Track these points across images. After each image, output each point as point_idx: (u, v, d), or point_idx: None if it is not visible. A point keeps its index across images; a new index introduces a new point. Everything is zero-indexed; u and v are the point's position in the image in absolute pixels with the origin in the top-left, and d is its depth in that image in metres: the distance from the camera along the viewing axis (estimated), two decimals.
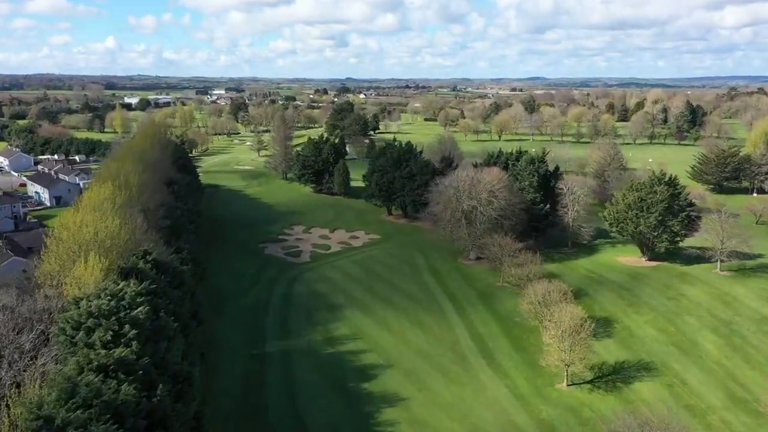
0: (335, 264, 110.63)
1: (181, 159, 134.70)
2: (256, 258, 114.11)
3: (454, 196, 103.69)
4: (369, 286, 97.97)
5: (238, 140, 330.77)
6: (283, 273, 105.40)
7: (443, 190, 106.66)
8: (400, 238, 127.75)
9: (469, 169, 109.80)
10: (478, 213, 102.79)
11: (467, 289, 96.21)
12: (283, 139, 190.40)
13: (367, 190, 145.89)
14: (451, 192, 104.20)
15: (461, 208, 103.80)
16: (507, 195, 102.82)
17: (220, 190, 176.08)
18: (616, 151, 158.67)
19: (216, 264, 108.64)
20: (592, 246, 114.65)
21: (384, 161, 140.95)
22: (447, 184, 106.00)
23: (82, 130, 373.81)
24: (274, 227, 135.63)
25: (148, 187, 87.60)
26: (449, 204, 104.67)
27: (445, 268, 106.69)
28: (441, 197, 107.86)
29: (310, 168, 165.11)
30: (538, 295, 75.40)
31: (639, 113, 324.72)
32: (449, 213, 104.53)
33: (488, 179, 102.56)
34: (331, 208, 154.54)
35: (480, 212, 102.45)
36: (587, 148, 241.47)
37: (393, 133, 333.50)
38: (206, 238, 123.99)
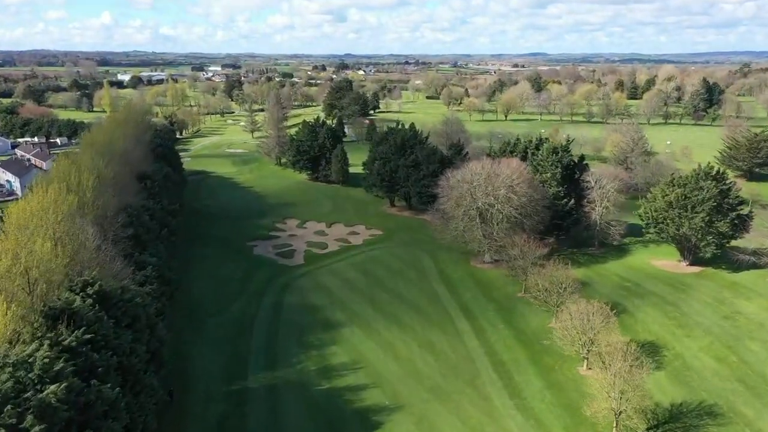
0: (332, 267, 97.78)
1: (160, 146, 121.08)
2: (243, 260, 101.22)
3: (468, 192, 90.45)
4: (371, 297, 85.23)
5: (231, 120, 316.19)
6: (273, 279, 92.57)
7: (455, 185, 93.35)
8: (404, 235, 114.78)
9: (484, 160, 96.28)
10: (495, 211, 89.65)
11: (484, 300, 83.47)
12: (276, 121, 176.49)
13: (367, 179, 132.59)
14: (464, 188, 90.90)
15: (476, 206, 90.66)
16: (528, 190, 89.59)
17: (209, 177, 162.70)
18: (639, 135, 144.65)
19: (197, 269, 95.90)
20: (622, 246, 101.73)
21: (386, 148, 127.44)
22: (459, 178, 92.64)
23: (70, 109, 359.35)
24: (265, 221, 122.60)
25: (111, 186, 74.33)
26: (462, 201, 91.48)
27: (456, 274, 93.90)
28: (452, 192, 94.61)
29: (305, 154, 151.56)
30: (575, 319, 62.55)
31: (652, 91, 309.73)
32: (462, 211, 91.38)
33: (506, 172, 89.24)
34: (328, 198, 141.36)
35: (497, 210, 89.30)
36: (601, 129, 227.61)
37: (394, 112, 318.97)
38: (188, 237, 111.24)
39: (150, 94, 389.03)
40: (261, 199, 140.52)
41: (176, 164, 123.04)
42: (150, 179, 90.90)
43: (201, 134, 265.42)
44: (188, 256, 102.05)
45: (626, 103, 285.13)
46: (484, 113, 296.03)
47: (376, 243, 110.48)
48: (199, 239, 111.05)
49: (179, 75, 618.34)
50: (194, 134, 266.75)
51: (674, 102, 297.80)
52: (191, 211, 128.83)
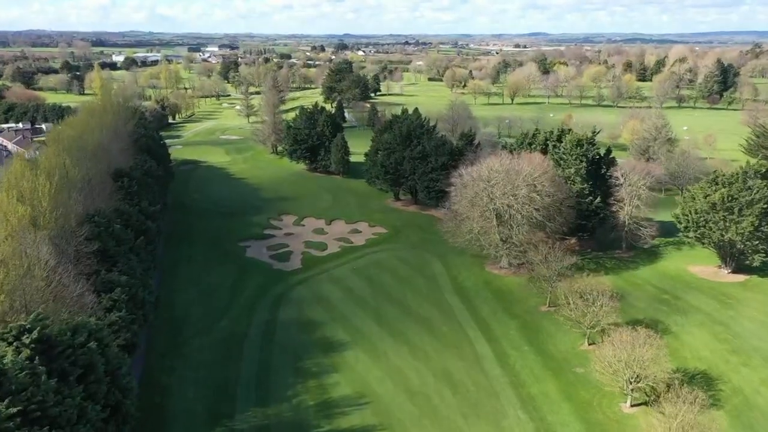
0: (333, 273, 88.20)
1: (144, 137, 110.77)
2: (234, 264, 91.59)
3: (485, 191, 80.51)
4: (376, 311, 75.71)
5: (227, 103, 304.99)
6: (267, 288, 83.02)
7: (469, 183, 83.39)
8: (411, 234, 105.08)
9: (502, 154, 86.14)
10: (515, 213, 79.83)
11: (504, 316, 73.93)
12: (273, 106, 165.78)
13: (370, 171, 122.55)
14: (480, 186, 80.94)
15: (493, 207, 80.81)
16: (552, 189, 79.72)
17: (200, 167, 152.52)
18: (663, 122, 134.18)
19: (182, 275, 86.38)
20: (652, 249, 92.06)
21: (390, 138, 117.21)
22: (475, 176, 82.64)
23: (61, 92, 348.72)
24: (259, 218, 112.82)
25: (80, 188, 64.45)
26: (478, 201, 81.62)
27: (471, 281, 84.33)
28: (466, 191, 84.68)
29: (303, 143, 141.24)
30: (618, 349, 53.04)
31: (663, 73, 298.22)
32: (478, 212, 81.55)
33: (528, 169, 79.29)
34: (328, 191, 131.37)
35: (517, 212, 79.47)
36: (616, 114, 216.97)
37: (395, 95, 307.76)
38: (174, 236, 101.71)
39: (143, 76, 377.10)
40: (255, 192, 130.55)
41: (162, 156, 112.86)
42: (128, 177, 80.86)
43: (195, 119, 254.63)
44: (174, 258, 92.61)
45: (637, 86, 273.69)
46: (490, 96, 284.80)
47: (381, 244, 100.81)
48: (187, 239, 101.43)
49: (175, 56, 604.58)
50: (187, 118, 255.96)
51: (687, 84, 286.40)
52: (179, 206, 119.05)
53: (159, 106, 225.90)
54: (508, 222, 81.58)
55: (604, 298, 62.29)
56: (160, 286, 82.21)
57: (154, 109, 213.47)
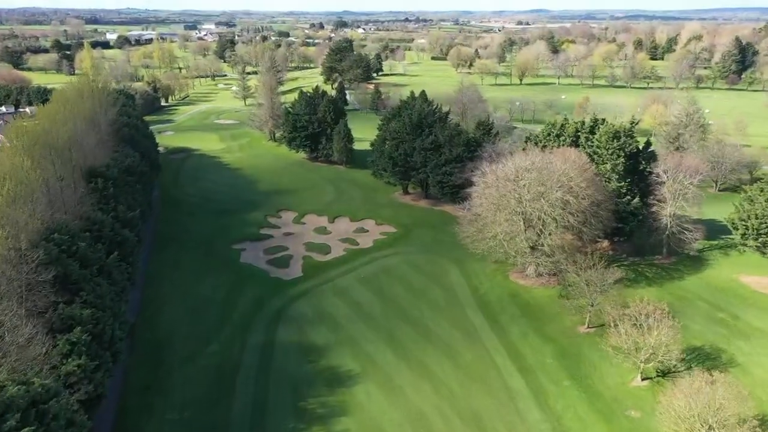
0: (338, 283, 78.30)
1: (127, 126, 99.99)
2: (227, 271, 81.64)
3: (513, 193, 70.21)
4: (389, 332, 65.95)
5: (223, 84, 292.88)
6: (263, 302, 73.15)
7: (494, 183, 73.04)
8: (422, 234, 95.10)
9: (533, 150, 75.53)
10: (547, 218, 69.68)
11: (536, 339, 64.16)
12: (270, 89, 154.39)
13: (376, 162, 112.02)
14: (507, 187, 70.60)
15: (522, 211, 70.62)
16: (590, 192, 69.46)
17: (192, 156, 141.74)
18: (695, 108, 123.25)
19: (168, 285, 76.51)
20: (695, 254, 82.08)
21: (399, 126, 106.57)
22: (500, 175, 72.24)
23: (51, 72, 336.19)
24: (256, 214, 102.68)
25: (35, 200, 54.19)
26: (504, 204, 71.37)
27: (494, 294, 74.49)
28: (489, 192, 74.38)
29: (303, 130, 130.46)
30: (691, 398, 43.31)
31: (678, 52, 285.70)
32: (504, 217, 71.37)
33: (562, 168, 68.94)
34: (330, 183, 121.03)
35: (549, 216, 69.31)
36: (634, 96, 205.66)
37: (398, 75, 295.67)
38: (162, 237, 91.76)
39: (136, 55, 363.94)
40: (252, 185, 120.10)
41: (148, 148, 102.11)
42: (102, 177, 70.45)
43: (189, 101, 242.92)
44: (159, 264, 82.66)
45: (652, 66, 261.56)
46: (497, 76, 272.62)
47: (390, 246, 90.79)
48: (175, 241, 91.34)
49: (170, 34, 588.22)
50: (181, 100, 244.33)
51: (703, 64, 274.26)
52: (168, 201, 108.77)
53: (150, 88, 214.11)
54: (537, 227, 71.44)
55: (664, 327, 52.42)
56: (142, 301, 72.53)
57: (144, 91, 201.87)
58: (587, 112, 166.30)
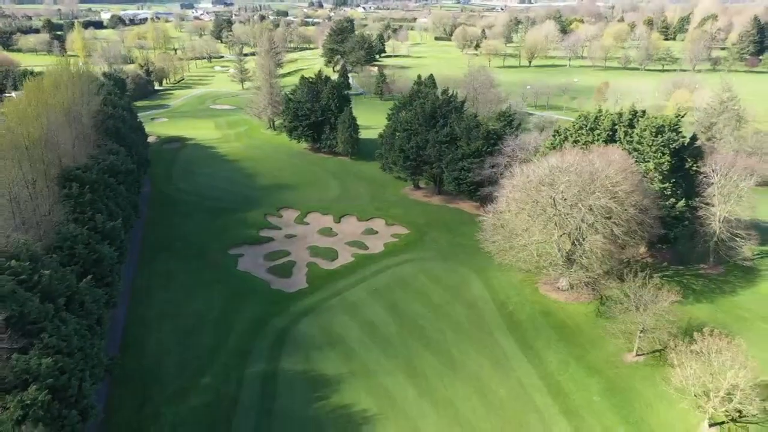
0: (347, 297, 69.83)
1: (112, 118, 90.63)
2: (223, 282, 73.11)
3: (549, 200, 61.41)
4: (408, 361, 57.63)
5: (219, 67, 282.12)
6: (264, 321, 64.72)
7: (525, 187, 64.16)
8: (438, 236, 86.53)
9: (570, 150, 66.39)
10: (587, 228, 60.99)
11: (579, 370, 55.85)
12: (269, 73, 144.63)
13: (386, 156, 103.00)
14: (542, 193, 61.74)
15: (557, 219, 61.88)
16: (638, 198, 60.70)
17: (186, 146, 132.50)
18: (730, 95, 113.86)
19: (156, 300, 68.06)
20: (745, 264, 73.50)
21: (411, 116, 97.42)
22: (533, 178, 63.36)
23: (42, 54, 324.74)
24: (254, 213, 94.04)
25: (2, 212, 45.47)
26: (537, 211, 62.61)
27: (524, 310, 66.07)
28: (518, 196, 65.53)
29: (305, 118, 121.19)
30: None
31: (693, 32, 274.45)
32: (539, 226, 62.65)
33: (605, 171, 60.04)
34: (335, 177, 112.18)
35: (591, 227, 60.63)
36: (650, 79, 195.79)
37: (402, 56, 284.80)
38: (150, 243, 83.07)
39: (130, 36, 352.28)
40: (250, 178, 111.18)
41: (135, 142, 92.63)
42: (78, 181, 61.53)
43: (184, 84, 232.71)
44: (147, 276, 74.16)
45: (667, 47, 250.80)
46: (505, 58, 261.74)
47: (403, 251, 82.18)
48: (166, 246, 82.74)
49: (166, 13, 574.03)
50: (176, 84, 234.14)
51: (719, 45, 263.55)
52: (160, 198, 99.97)
53: (143, 71, 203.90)
54: (574, 237, 62.81)
55: (740, 368, 44.04)
56: (127, 322, 64.10)
57: (136, 74, 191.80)
58: (606, 97, 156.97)
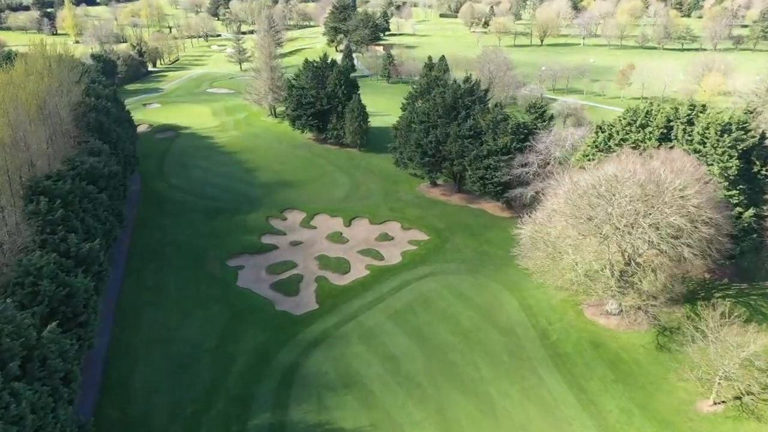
0: (363, 322, 60.69)
1: (95, 110, 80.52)
2: (220, 302, 63.93)
3: (604, 214, 51.87)
4: (439, 407, 48.71)
5: (216, 46, 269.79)
6: (268, 354, 55.69)
7: (572, 197, 54.60)
8: (461, 243, 77.18)
9: (627, 153, 56.58)
10: (649, 249, 51.59)
11: (647, 424, 46.92)
12: (269, 56, 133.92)
13: (401, 151, 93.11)
14: (598, 208, 52.17)
15: (615, 238, 52.39)
16: (711, 212, 51.22)
17: (181, 136, 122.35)
18: None
19: (144, 331, 58.92)
20: None
21: (429, 107, 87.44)
22: (585, 187, 53.73)
23: (31, 32, 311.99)
24: (256, 216, 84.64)
25: None
26: (588, 228, 53.15)
27: (570, 340, 57.01)
28: (561, 205, 56.07)
29: (309, 107, 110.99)
30: None
31: (714, 8, 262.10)
32: (591, 245, 53.23)
33: (676, 182, 50.46)
34: (343, 171, 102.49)
35: (656, 248, 51.22)
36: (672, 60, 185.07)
37: (407, 35, 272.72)
38: (138, 252, 73.71)
39: (123, 13, 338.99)
40: (250, 173, 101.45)
41: (121, 137, 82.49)
42: (48, 194, 51.90)
43: (179, 65, 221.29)
44: (134, 294, 65.12)
45: (687, 25, 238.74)
46: (516, 36, 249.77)
47: (423, 261, 72.87)
48: (156, 256, 73.47)
49: None
50: (171, 65, 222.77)
51: (740, 22, 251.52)
52: (150, 198, 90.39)
53: (135, 51, 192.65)
54: (631, 255, 53.44)
55: None
56: (109, 353, 55.12)
57: (128, 55, 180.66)
58: (630, 80, 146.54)
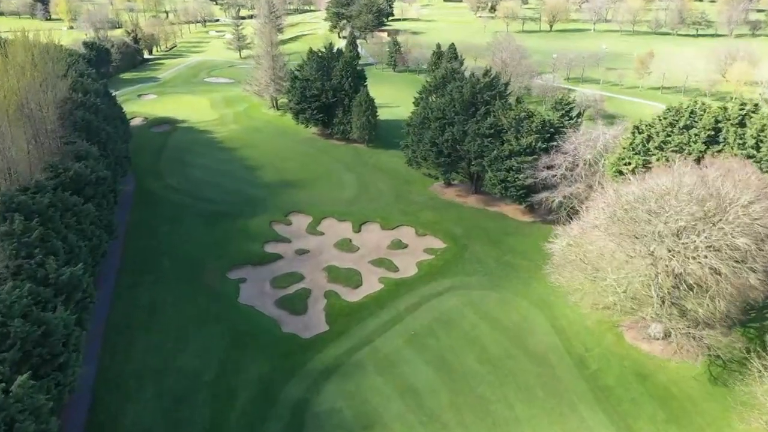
0: (379, 347, 54.65)
1: (82, 107, 73.90)
2: (221, 322, 57.87)
3: (651, 233, 45.62)
4: None
5: (215, 32, 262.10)
6: (273, 388, 49.67)
7: (615, 212, 48.29)
8: (482, 252, 71.05)
9: (681, 162, 50.19)
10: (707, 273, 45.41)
11: None
12: (270, 43, 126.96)
13: (413, 149, 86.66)
14: (644, 226, 45.89)
15: (665, 259, 46.21)
16: None
17: (178, 129, 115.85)
18: None
19: (135, 358, 52.84)
20: None
21: (445, 102, 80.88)
22: (631, 201, 47.42)
23: (25, 17, 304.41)
24: (258, 220, 78.53)
25: None
26: (638, 248, 46.92)
27: (612, 370, 51.04)
28: (602, 220, 49.82)
29: (314, 100, 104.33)
30: None
31: None
32: (638, 266, 47.04)
33: (740, 197, 44.17)
34: (351, 170, 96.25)
35: (715, 273, 45.04)
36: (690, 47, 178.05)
37: (412, 20, 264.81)
38: (130, 263, 67.69)
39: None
40: (251, 172, 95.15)
41: (112, 136, 75.97)
42: (23, 211, 45.59)
43: (176, 52, 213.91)
44: (128, 310, 59.18)
45: (702, 10, 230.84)
46: (524, 21, 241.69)
47: (442, 273, 66.77)
48: (149, 266, 67.39)
49: None
50: (167, 51, 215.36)
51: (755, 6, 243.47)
52: (144, 200, 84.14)
53: (131, 38, 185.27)
54: (686, 281, 47.27)
55: None
56: (96, 384, 49.17)
57: (123, 42, 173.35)
58: (650, 69, 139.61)
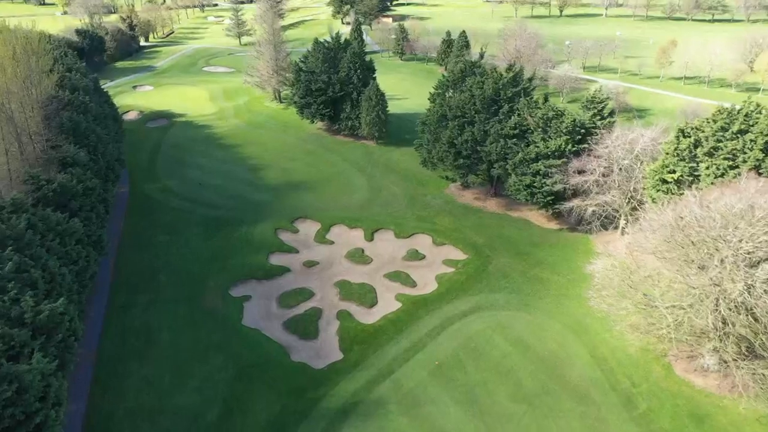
0: (400, 381, 48.93)
1: (69, 106, 67.54)
2: (222, 348, 52.20)
3: (720, 262, 39.70)
4: None
5: (213, 17, 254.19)
6: (284, 429, 44.07)
7: (672, 234, 42.31)
8: (507, 266, 65.17)
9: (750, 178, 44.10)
10: None
11: None
12: (272, 33, 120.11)
13: (430, 149, 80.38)
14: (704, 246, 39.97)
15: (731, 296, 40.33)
16: None
17: (175, 125, 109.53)
18: None
19: (128, 396, 47.19)
20: None
21: (464, 99, 74.49)
22: (685, 222, 41.43)
23: (18, 3, 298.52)
24: (262, 227, 72.67)
25: None
26: (692, 275, 41.04)
27: (664, 411, 45.38)
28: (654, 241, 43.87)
29: (320, 93, 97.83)
30: None
31: None
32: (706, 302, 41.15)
33: None
34: (360, 170, 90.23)
35: None
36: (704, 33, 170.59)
37: (417, 4, 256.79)
38: (124, 278, 61.89)
39: None
40: (254, 173, 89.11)
41: (103, 138, 69.53)
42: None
43: (173, 39, 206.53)
44: (120, 337, 53.49)
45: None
46: (534, 6, 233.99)
47: (464, 289, 60.97)
48: (145, 281, 61.73)
49: None
50: (164, 38, 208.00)
51: None
52: (139, 206, 78.20)
53: (126, 25, 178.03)
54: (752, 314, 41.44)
55: None
56: (85, 425, 43.57)
57: (117, 30, 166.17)
58: (671, 58, 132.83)
